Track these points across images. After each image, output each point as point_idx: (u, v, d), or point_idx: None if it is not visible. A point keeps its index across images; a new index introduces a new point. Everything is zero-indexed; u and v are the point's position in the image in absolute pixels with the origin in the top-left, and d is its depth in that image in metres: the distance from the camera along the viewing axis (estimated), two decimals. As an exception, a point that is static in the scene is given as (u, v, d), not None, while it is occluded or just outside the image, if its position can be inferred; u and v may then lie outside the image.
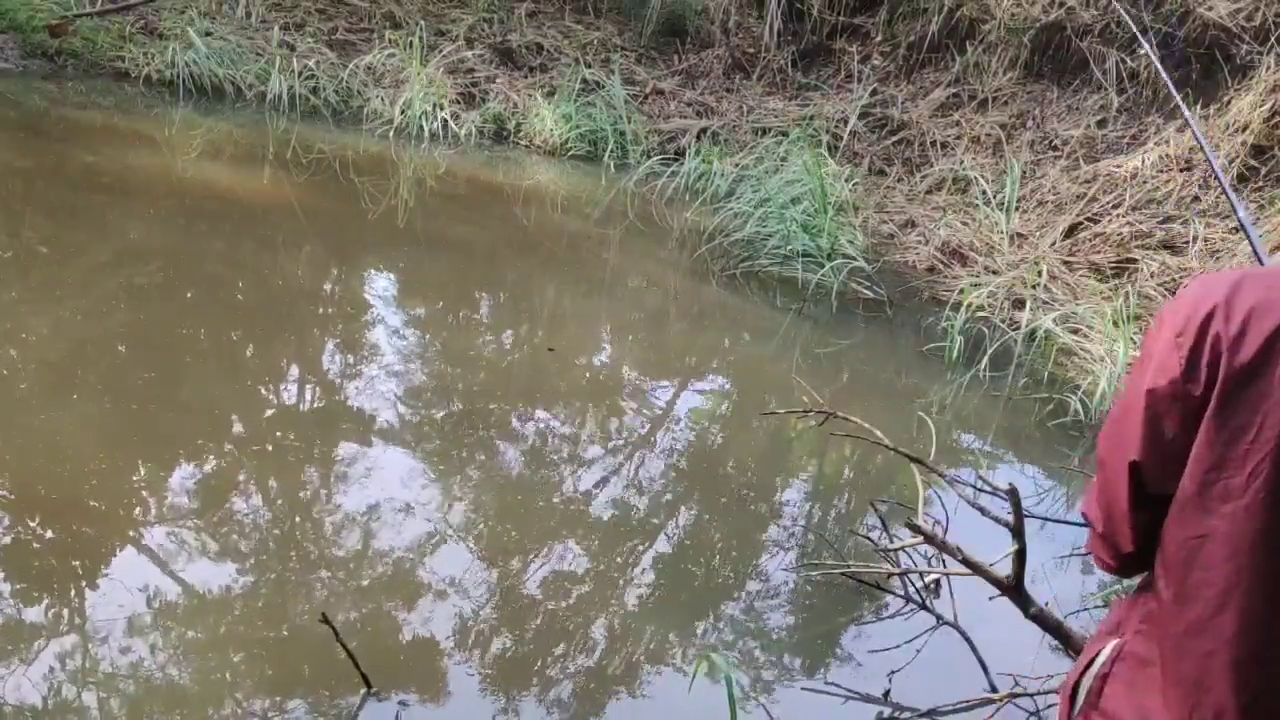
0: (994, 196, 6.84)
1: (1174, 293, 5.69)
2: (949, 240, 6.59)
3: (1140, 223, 6.19)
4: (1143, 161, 6.62)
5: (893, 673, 2.79)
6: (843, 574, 3.08)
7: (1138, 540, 1.24)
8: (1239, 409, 1.11)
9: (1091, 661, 1.30)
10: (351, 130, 7.81)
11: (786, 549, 3.41)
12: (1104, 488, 1.26)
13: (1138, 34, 2.22)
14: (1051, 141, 7.44)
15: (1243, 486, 1.11)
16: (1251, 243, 1.83)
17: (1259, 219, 5.92)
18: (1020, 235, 6.56)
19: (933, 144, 7.95)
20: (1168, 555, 1.20)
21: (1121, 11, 2.48)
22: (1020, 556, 2.47)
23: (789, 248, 6.11)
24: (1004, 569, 2.55)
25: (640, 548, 3.30)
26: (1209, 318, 1.13)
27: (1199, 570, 1.15)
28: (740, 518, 3.60)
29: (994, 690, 2.71)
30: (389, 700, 2.43)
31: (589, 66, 8.81)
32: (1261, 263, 1.66)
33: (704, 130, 8.40)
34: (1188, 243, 5.98)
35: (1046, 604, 2.66)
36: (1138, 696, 1.22)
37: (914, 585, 3.06)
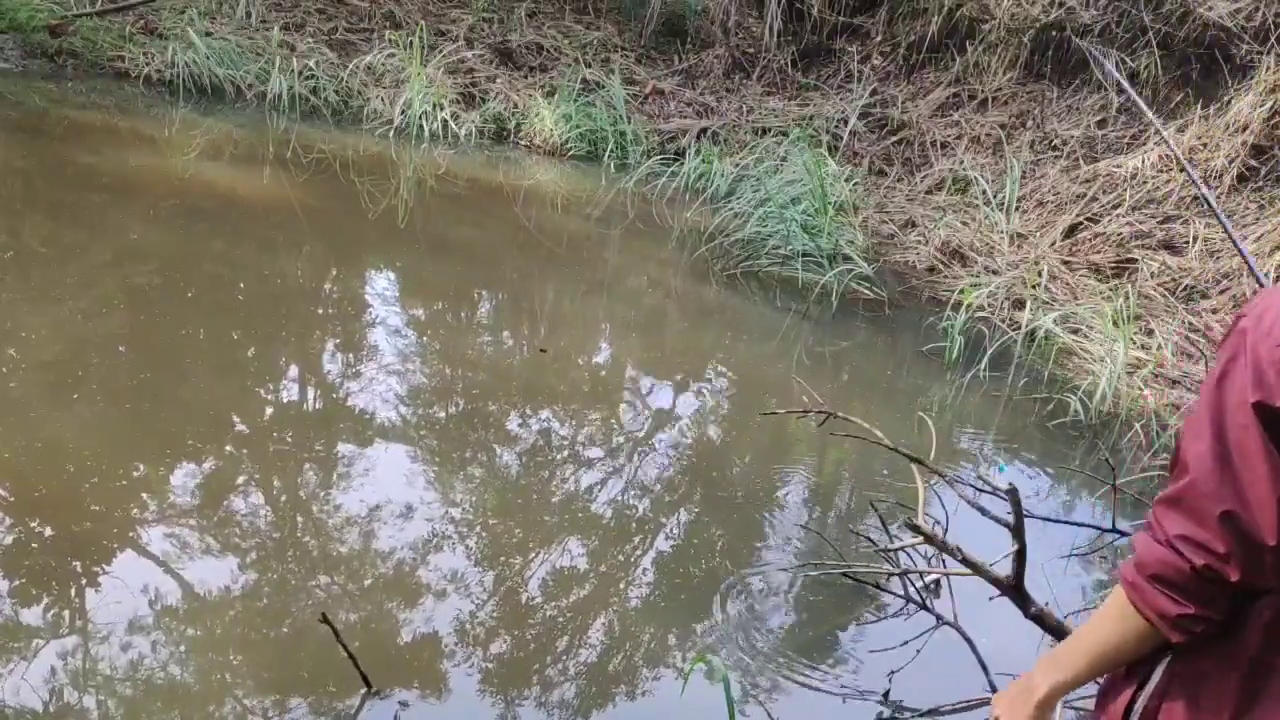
0: (994, 196, 6.84)
1: (1174, 293, 5.69)
2: (949, 240, 6.59)
3: (1140, 223, 6.19)
4: (1143, 161, 6.62)
5: (893, 673, 2.79)
6: (843, 574, 3.08)
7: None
8: None
9: (1145, 681, 1.27)
10: (351, 130, 7.81)
11: (786, 549, 3.41)
12: (1233, 524, 1.14)
13: (1098, 59, 2.20)
14: (1051, 141, 7.44)
15: None
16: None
17: (1259, 219, 5.92)
18: (1020, 235, 6.56)
19: (933, 144, 7.95)
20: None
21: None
22: (1020, 556, 2.47)
23: (789, 248, 6.11)
24: (1004, 569, 2.55)
25: (640, 548, 3.30)
26: None
27: None
28: (740, 518, 3.60)
29: (994, 690, 2.71)
30: (389, 700, 2.43)
31: (589, 66, 8.81)
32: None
33: (704, 130, 8.40)
34: (1188, 243, 5.98)
35: (1046, 604, 2.66)
36: (1202, 713, 1.21)
37: (914, 585, 3.06)
